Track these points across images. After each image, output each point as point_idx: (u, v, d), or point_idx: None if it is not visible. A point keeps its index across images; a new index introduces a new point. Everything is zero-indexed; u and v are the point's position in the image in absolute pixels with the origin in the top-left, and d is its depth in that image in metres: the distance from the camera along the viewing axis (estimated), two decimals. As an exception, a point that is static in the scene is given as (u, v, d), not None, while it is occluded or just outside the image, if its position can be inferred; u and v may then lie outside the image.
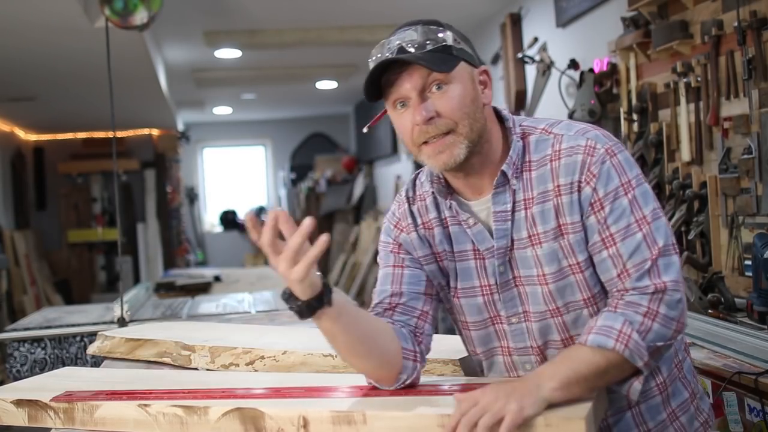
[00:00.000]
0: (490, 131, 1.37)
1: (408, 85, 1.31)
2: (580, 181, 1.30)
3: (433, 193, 1.44)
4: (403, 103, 1.34)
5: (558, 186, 1.32)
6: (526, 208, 1.35)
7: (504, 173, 1.35)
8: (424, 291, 1.45)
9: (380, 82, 1.34)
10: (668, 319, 1.25)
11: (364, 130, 1.53)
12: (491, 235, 1.38)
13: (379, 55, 1.33)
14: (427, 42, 1.31)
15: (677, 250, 1.30)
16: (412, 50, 1.30)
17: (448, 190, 1.42)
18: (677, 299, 1.26)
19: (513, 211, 1.36)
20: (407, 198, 1.49)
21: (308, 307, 1.24)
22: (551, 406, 1.19)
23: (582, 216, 1.31)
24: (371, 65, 1.34)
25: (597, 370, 1.22)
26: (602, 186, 1.29)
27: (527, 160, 1.36)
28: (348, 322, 1.31)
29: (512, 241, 1.37)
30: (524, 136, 1.38)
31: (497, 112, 1.43)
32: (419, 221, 1.47)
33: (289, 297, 1.25)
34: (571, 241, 1.32)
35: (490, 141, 1.37)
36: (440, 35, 1.32)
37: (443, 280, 1.46)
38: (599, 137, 1.33)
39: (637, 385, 1.27)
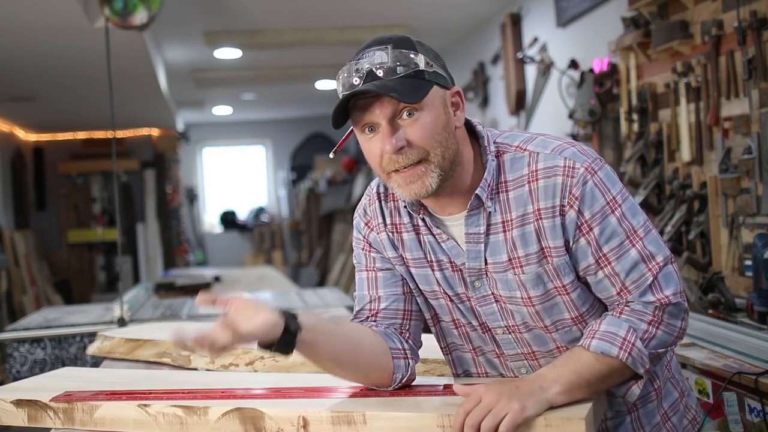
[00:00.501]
0: (462, 154, 1.31)
1: (378, 112, 1.25)
2: (562, 205, 1.25)
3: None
4: (372, 128, 1.28)
5: (538, 209, 1.27)
6: (504, 231, 1.30)
7: (478, 197, 1.30)
8: (402, 291, 1.43)
9: (348, 103, 1.27)
10: (671, 327, 1.26)
11: (331, 155, 1.48)
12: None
13: (345, 75, 1.27)
14: (398, 67, 1.24)
15: (673, 259, 1.29)
16: (381, 74, 1.23)
17: (420, 206, 1.37)
18: (681, 309, 1.27)
19: (487, 233, 1.32)
20: (378, 194, 1.44)
21: (285, 344, 1.25)
22: (551, 407, 1.19)
23: (568, 240, 1.27)
24: (339, 88, 1.28)
25: (600, 375, 1.22)
26: (587, 207, 1.25)
27: (502, 180, 1.31)
28: (326, 340, 1.32)
29: (486, 262, 1.33)
30: (498, 155, 1.32)
31: (471, 127, 1.37)
32: (389, 221, 1.42)
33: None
34: (556, 264, 1.28)
35: (461, 164, 1.31)
36: (412, 58, 1.25)
37: (412, 283, 1.42)
38: (577, 155, 1.27)
39: (635, 389, 1.28)
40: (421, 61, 1.26)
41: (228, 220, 11.31)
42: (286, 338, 1.24)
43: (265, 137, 11.41)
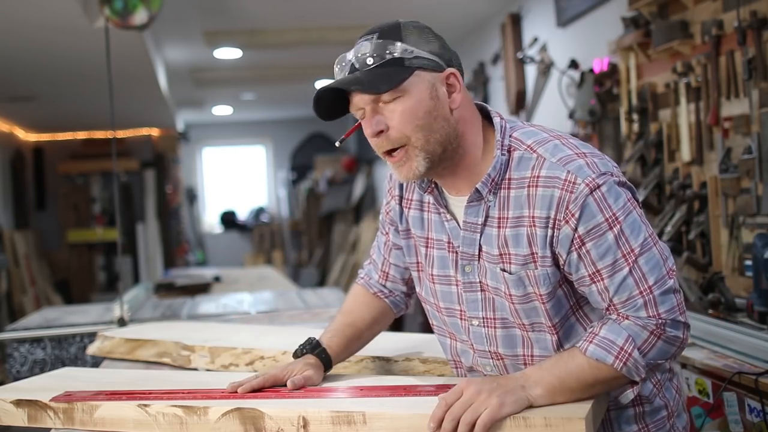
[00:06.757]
0: (463, 136, 1.33)
1: (359, 99, 1.31)
2: (557, 219, 1.25)
3: None
4: (363, 114, 1.33)
5: (533, 216, 1.28)
6: (499, 227, 1.32)
7: (478, 191, 1.32)
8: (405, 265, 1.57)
9: (320, 97, 1.33)
10: (673, 338, 1.26)
11: (337, 144, 1.50)
12: None
13: (336, 64, 1.34)
14: (373, 58, 1.28)
15: (672, 274, 1.28)
16: (359, 65, 1.28)
17: (429, 183, 1.41)
18: (679, 323, 1.26)
19: (484, 224, 1.34)
20: None
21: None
22: (549, 406, 1.20)
23: (560, 253, 1.27)
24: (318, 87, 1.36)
25: (585, 383, 1.23)
26: (583, 224, 1.24)
27: (507, 176, 1.31)
28: (346, 349, 1.57)
29: (480, 248, 1.35)
30: (510, 150, 1.32)
31: (488, 116, 1.38)
32: (405, 195, 1.50)
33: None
34: (538, 273, 1.29)
35: (462, 146, 1.33)
36: (390, 48, 1.28)
37: (412, 259, 1.50)
38: (582, 169, 1.25)
39: (629, 393, 1.29)
40: (397, 49, 1.28)
41: (228, 220, 11.31)
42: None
43: (265, 137, 11.41)
